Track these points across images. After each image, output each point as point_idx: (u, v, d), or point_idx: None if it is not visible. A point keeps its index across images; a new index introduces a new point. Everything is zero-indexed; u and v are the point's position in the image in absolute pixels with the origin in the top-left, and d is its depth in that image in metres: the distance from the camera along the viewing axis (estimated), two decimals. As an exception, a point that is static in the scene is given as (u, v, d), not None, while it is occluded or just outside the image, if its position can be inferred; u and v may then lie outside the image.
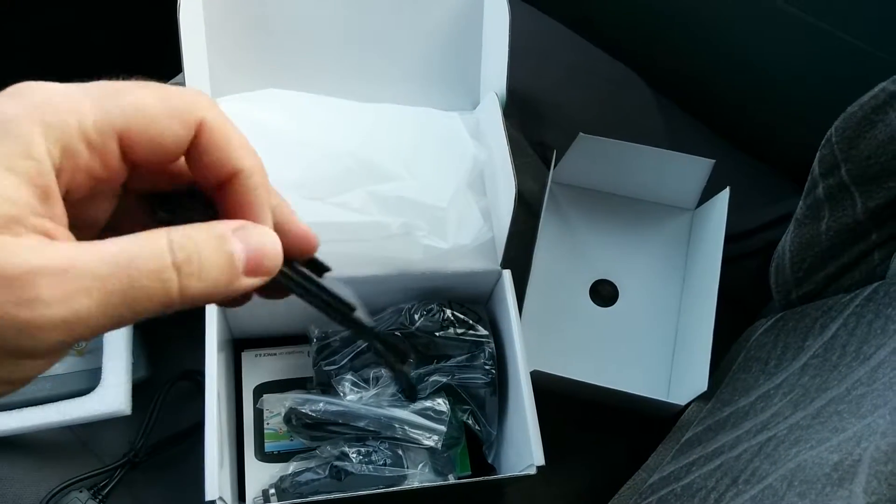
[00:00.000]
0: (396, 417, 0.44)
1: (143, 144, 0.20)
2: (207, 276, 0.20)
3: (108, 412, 0.45)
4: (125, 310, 0.19)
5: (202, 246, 0.20)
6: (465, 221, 0.48)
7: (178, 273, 0.19)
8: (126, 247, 0.19)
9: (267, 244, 0.21)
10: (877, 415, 0.33)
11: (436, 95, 0.54)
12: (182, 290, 0.19)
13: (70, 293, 0.18)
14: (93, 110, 0.20)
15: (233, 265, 0.20)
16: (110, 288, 0.18)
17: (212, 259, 0.20)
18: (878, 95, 0.41)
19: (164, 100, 0.21)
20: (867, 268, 0.45)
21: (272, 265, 0.21)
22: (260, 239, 0.21)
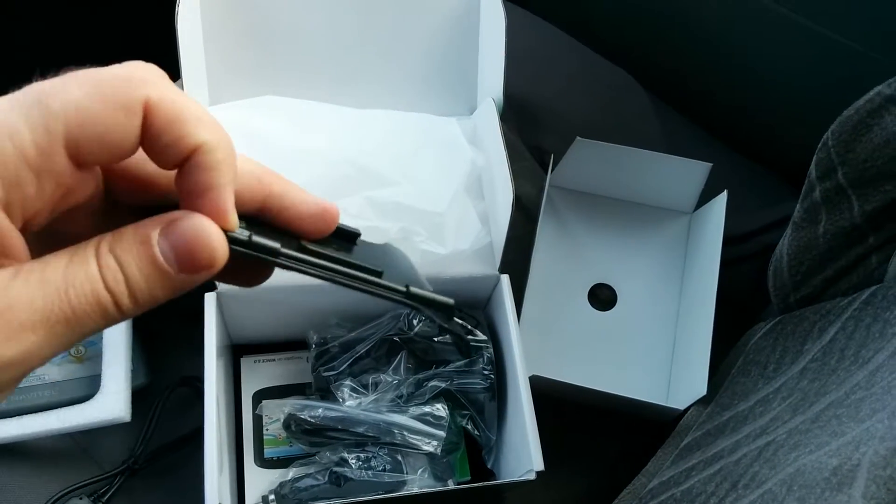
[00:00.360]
0: (395, 423, 0.44)
1: (90, 147, 0.19)
2: (137, 287, 0.19)
3: (108, 419, 0.45)
4: (71, 334, 0.19)
5: (125, 258, 0.19)
6: (463, 226, 0.48)
7: (111, 294, 0.19)
8: (62, 271, 0.19)
9: (193, 236, 0.19)
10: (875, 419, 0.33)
11: (433, 101, 0.54)
12: (119, 305, 0.19)
13: (15, 332, 0.18)
14: (28, 127, 0.18)
15: (161, 269, 0.19)
16: (53, 319, 0.18)
17: (137, 270, 0.19)
18: (874, 99, 0.41)
19: (99, 91, 0.19)
20: (865, 271, 0.45)
21: (208, 255, 0.20)
22: (184, 232, 0.19)
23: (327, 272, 0.22)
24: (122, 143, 0.19)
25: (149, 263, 0.19)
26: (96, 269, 0.19)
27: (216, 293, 0.44)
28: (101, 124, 0.19)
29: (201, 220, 0.20)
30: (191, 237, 0.19)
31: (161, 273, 0.19)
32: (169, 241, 0.19)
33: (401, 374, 0.46)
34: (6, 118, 0.18)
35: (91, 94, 0.18)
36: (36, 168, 0.18)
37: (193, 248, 0.19)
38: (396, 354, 0.46)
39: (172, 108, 0.19)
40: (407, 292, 0.23)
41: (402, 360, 0.46)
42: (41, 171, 0.18)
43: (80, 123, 0.18)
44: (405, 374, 0.46)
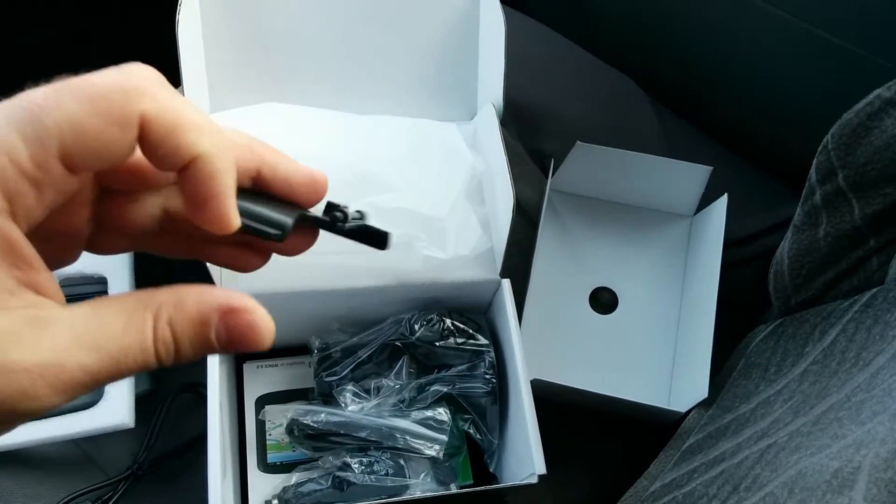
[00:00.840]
0: (398, 427, 0.44)
1: (85, 159, 0.19)
2: (184, 356, 0.20)
3: (112, 425, 0.46)
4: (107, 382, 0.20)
5: (182, 336, 0.20)
6: (464, 231, 0.48)
7: (159, 360, 0.20)
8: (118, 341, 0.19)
9: (250, 331, 0.21)
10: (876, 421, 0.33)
11: (433, 107, 0.54)
12: (159, 365, 0.20)
13: (63, 387, 0.18)
14: (24, 143, 0.18)
15: (211, 348, 0.20)
16: (101, 377, 0.19)
17: (189, 346, 0.20)
18: (874, 102, 0.41)
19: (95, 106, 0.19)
20: (865, 273, 0.45)
21: (257, 345, 0.21)
22: (244, 327, 0.20)
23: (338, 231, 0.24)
24: (116, 155, 0.19)
25: (203, 343, 0.20)
26: (152, 343, 0.20)
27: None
28: (95, 139, 0.19)
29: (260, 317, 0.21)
30: (248, 331, 0.20)
31: (209, 349, 0.20)
32: (227, 327, 0.20)
33: (403, 378, 0.46)
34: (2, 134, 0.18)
35: (86, 110, 0.19)
36: (34, 180, 0.19)
37: (246, 339, 0.20)
38: (398, 359, 0.46)
39: (169, 120, 0.19)
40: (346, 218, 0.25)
41: (403, 365, 0.46)
42: (39, 182, 0.19)
43: (76, 139, 0.19)
44: (407, 379, 0.46)
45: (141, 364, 0.20)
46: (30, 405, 0.18)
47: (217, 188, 0.20)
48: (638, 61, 0.68)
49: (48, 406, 0.18)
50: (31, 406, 0.18)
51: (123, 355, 0.19)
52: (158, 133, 0.19)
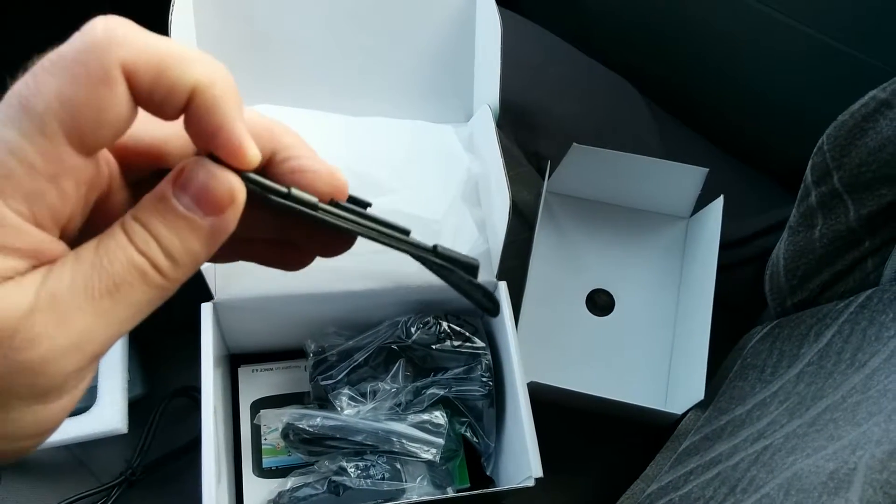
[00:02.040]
0: (394, 431, 0.44)
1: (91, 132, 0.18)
2: (170, 244, 0.19)
3: (105, 431, 0.45)
4: (120, 309, 0.18)
5: (148, 219, 0.19)
6: (461, 233, 0.48)
7: (146, 256, 0.19)
8: (93, 250, 0.18)
9: (204, 175, 0.19)
10: (872, 422, 0.33)
11: (429, 108, 0.54)
12: (157, 267, 0.19)
13: (64, 316, 0.17)
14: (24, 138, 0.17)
15: (186, 219, 0.19)
16: (97, 295, 0.18)
17: (164, 227, 0.19)
18: (869, 104, 0.41)
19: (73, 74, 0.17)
20: (861, 275, 0.45)
21: (226, 189, 0.19)
22: (194, 175, 0.19)
23: (362, 227, 0.22)
24: (118, 116, 0.18)
25: (172, 216, 0.19)
26: (124, 236, 0.19)
27: (213, 303, 0.44)
28: (90, 107, 0.18)
29: (206, 160, 0.19)
30: (202, 177, 0.19)
31: (188, 223, 0.19)
32: (184, 189, 0.19)
33: (399, 382, 0.46)
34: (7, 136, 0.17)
35: (67, 82, 0.17)
36: (48, 175, 0.18)
37: (209, 187, 0.19)
38: (394, 362, 0.46)
39: (152, 60, 0.18)
40: (435, 250, 0.23)
41: (400, 368, 0.46)
42: (55, 176, 0.18)
43: (72, 115, 0.17)
44: (403, 382, 0.46)
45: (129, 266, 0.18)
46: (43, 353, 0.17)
47: (221, 117, 0.19)
48: (634, 63, 0.68)
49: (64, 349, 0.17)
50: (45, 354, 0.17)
51: (103, 258, 0.18)
52: (146, 77, 0.18)
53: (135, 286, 0.18)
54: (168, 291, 0.19)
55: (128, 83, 0.18)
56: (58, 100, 0.17)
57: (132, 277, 0.18)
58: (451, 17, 0.52)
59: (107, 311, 0.18)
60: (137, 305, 0.19)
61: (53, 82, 0.17)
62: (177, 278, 0.19)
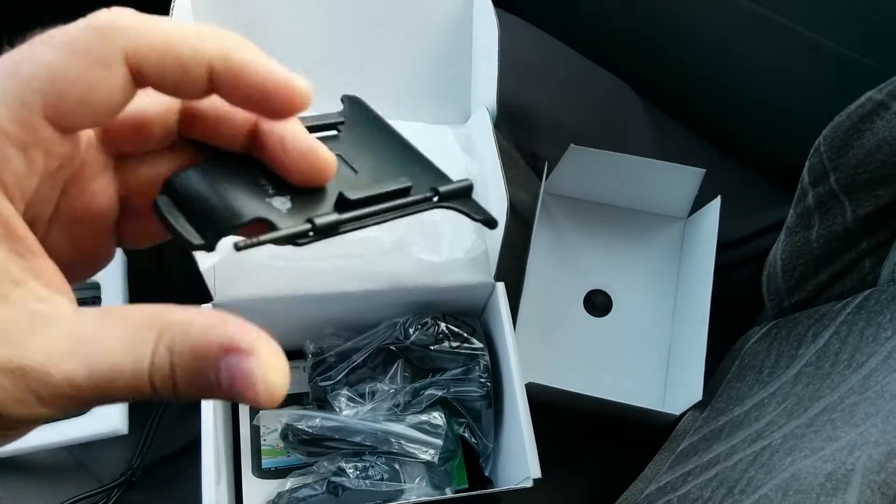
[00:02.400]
0: (393, 432, 0.44)
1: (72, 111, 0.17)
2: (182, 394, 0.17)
3: (105, 432, 0.45)
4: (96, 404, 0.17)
5: (181, 366, 0.17)
6: (458, 235, 0.48)
7: (154, 389, 0.17)
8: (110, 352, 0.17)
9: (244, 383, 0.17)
10: (869, 423, 0.33)
11: (427, 110, 0.54)
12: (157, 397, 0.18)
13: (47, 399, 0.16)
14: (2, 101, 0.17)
15: (209, 389, 0.17)
16: (86, 398, 0.17)
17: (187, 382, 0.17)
18: (865, 104, 0.42)
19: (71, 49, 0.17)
20: (858, 275, 0.46)
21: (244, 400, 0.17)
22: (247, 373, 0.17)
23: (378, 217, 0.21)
24: (107, 101, 0.18)
25: (201, 382, 0.17)
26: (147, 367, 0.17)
27: (212, 304, 0.44)
28: (79, 85, 0.17)
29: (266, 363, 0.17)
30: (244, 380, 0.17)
31: (210, 391, 0.17)
32: (230, 371, 0.17)
33: (397, 382, 0.46)
34: None
35: (63, 55, 0.17)
36: (19, 143, 0.17)
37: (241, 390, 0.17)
38: (393, 363, 0.46)
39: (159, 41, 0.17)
40: (440, 196, 0.22)
41: (398, 369, 0.46)
42: (24, 144, 0.17)
43: (57, 88, 0.17)
44: (402, 383, 0.46)
45: (133, 390, 0.17)
46: (18, 410, 0.16)
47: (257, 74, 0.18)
48: (631, 64, 0.68)
49: (38, 414, 0.17)
50: (20, 412, 0.16)
51: (115, 376, 0.17)
52: (155, 59, 0.17)
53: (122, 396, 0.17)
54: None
55: (137, 69, 0.17)
56: (47, 71, 0.17)
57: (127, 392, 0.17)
58: (448, 19, 0.53)
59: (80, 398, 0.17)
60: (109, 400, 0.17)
61: (48, 54, 0.17)
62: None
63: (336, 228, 0.20)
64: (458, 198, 0.22)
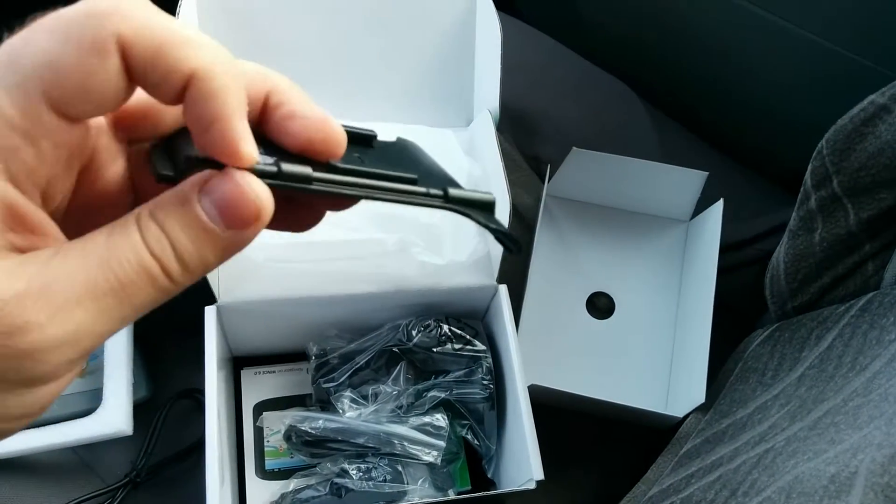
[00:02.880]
0: (396, 433, 0.44)
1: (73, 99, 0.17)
2: (184, 251, 0.18)
3: (110, 433, 0.46)
4: (122, 308, 0.18)
5: (168, 221, 0.18)
6: (461, 237, 0.48)
7: (158, 260, 0.18)
8: (103, 243, 0.18)
9: (234, 188, 0.18)
10: (873, 426, 0.33)
11: (430, 113, 0.54)
12: (168, 272, 0.18)
13: (60, 308, 0.17)
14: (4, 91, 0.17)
15: (206, 229, 0.18)
16: (100, 292, 0.17)
17: (182, 233, 0.18)
18: (868, 108, 0.42)
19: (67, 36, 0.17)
20: (861, 278, 0.46)
21: (254, 206, 0.18)
22: (224, 186, 0.18)
23: (364, 189, 0.20)
24: (104, 90, 0.17)
25: (193, 224, 0.18)
26: (139, 236, 0.18)
27: (216, 306, 0.44)
28: (76, 72, 0.17)
29: (241, 172, 0.18)
30: (231, 190, 0.18)
31: (207, 233, 0.18)
32: (210, 197, 0.18)
33: (400, 384, 0.46)
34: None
35: (59, 41, 0.17)
36: (24, 132, 0.17)
37: (238, 201, 0.18)
38: (396, 365, 0.46)
39: (153, 38, 0.17)
40: (446, 196, 0.21)
41: (401, 371, 0.46)
42: (31, 134, 0.17)
43: (55, 76, 0.17)
44: (405, 385, 0.46)
45: (139, 269, 0.18)
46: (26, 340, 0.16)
47: (220, 108, 0.18)
48: (633, 67, 0.69)
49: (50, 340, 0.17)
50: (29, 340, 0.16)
51: (113, 257, 0.17)
52: (143, 55, 0.17)
53: (141, 288, 0.18)
54: (172, 294, 0.19)
55: (123, 59, 0.17)
56: (44, 58, 0.17)
57: (140, 280, 0.18)
58: (451, 23, 0.53)
59: (108, 309, 0.17)
60: (140, 306, 0.18)
61: (46, 41, 0.17)
62: (184, 283, 0.19)
63: (307, 182, 0.19)
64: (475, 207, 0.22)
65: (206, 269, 0.19)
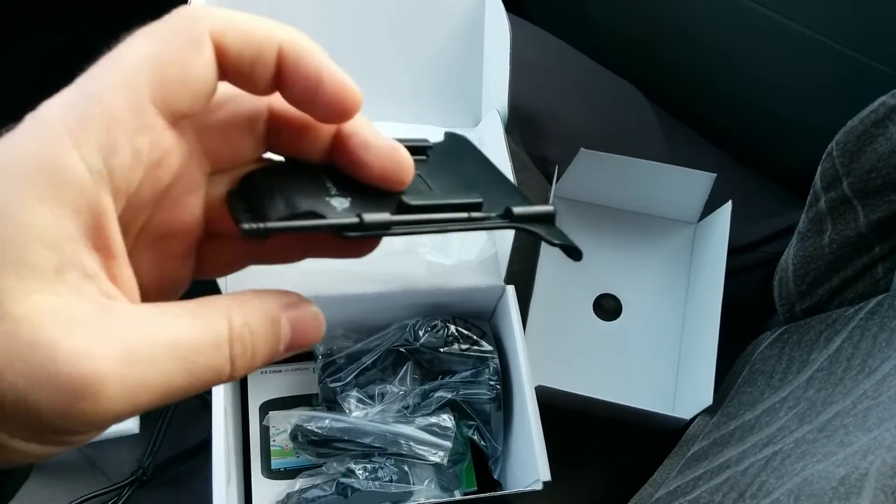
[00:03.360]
0: (402, 433, 0.44)
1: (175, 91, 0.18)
2: (256, 362, 0.19)
3: (117, 431, 0.46)
4: (180, 394, 0.18)
5: (257, 337, 0.19)
6: (469, 237, 0.48)
7: (232, 364, 0.18)
8: (187, 333, 0.18)
9: (310, 324, 0.20)
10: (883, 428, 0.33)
11: (438, 113, 0.54)
12: (231, 374, 0.19)
13: (133, 390, 0.16)
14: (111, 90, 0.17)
15: (278, 346, 0.20)
16: (170, 382, 0.17)
17: (263, 348, 0.19)
18: (878, 109, 0.41)
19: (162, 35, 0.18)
20: (871, 280, 0.45)
21: (309, 342, 0.20)
22: (304, 318, 0.20)
23: (437, 224, 0.21)
24: (202, 79, 0.18)
25: (273, 342, 0.19)
26: (227, 339, 0.18)
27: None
28: (177, 64, 0.18)
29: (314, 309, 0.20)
30: (309, 324, 0.20)
31: (276, 350, 0.20)
32: (292, 322, 0.20)
33: (407, 384, 0.46)
34: (90, 88, 0.17)
35: (158, 41, 0.18)
36: (128, 129, 0.17)
37: (305, 334, 0.20)
38: (402, 365, 0.46)
39: (240, 28, 0.19)
40: (511, 216, 0.21)
41: (408, 371, 0.46)
42: (134, 130, 0.17)
43: (158, 69, 0.18)
44: (411, 385, 0.46)
45: (215, 368, 0.18)
46: (91, 406, 0.16)
47: (317, 62, 0.19)
48: (642, 68, 0.68)
49: (111, 411, 0.16)
50: (93, 408, 0.16)
51: (196, 354, 0.17)
52: (236, 42, 0.19)
53: (203, 385, 0.18)
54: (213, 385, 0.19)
55: (219, 50, 0.19)
56: (146, 57, 0.18)
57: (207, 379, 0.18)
58: (460, 23, 0.53)
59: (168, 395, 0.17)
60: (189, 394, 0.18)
61: (143, 43, 0.18)
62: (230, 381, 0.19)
63: (387, 228, 0.20)
64: (536, 222, 0.22)
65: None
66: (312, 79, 0.19)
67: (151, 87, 0.18)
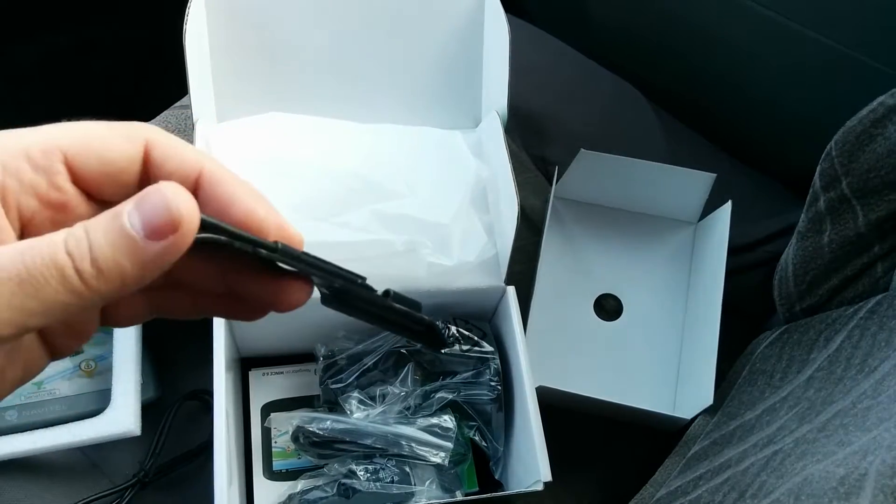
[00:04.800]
0: (403, 434, 0.44)
1: (91, 163, 0.21)
2: (101, 253, 0.18)
3: (118, 433, 0.46)
4: (26, 298, 0.18)
5: (93, 226, 0.19)
6: (469, 238, 0.48)
7: (72, 257, 0.18)
8: (31, 241, 0.19)
9: (162, 201, 0.18)
10: (882, 428, 0.33)
11: (438, 115, 0.54)
12: (79, 271, 0.18)
13: None
14: (34, 134, 0.21)
15: (127, 235, 0.18)
16: (4, 276, 0.18)
17: (102, 236, 0.19)
18: (877, 109, 0.41)
19: (104, 123, 0.21)
20: (870, 280, 0.45)
21: (174, 217, 0.18)
22: (154, 198, 0.19)
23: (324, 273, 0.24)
24: (120, 164, 0.21)
25: (115, 230, 0.19)
26: (61, 234, 0.19)
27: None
28: (103, 144, 0.21)
29: (174, 185, 0.19)
30: (159, 202, 0.19)
31: (126, 239, 0.18)
32: (139, 210, 0.19)
33: (408, 385, 0.46)
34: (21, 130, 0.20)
35: (100, 126, 0.21)
36: (33, 164, 0.20)
37: (164, 210, 0.19)
38: (403, 366, 0.46)
39: (171, 144, 0.22)
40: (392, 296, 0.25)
41: (409, 372, 0.46)
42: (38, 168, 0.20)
43: (85, 140, 0.21)
44: (412, 386, 0.46)
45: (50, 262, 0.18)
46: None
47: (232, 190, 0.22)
48: (641, 68, 0.68)
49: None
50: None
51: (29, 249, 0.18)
52: (164, 150, 0.22)
53: (50, 283, 0.18)
54: (86, 301, 0.19)
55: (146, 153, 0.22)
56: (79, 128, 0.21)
57: (48, 272, 0.18)
58: (459, 24, 0.53)
59: (8, 294, 0.18)
60: (49, 302, 0.18)
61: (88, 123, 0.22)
62: (97, 289, 0.19)
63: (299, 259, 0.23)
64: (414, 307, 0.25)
65: (124, 278, 0.19)
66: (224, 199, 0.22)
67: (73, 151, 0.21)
